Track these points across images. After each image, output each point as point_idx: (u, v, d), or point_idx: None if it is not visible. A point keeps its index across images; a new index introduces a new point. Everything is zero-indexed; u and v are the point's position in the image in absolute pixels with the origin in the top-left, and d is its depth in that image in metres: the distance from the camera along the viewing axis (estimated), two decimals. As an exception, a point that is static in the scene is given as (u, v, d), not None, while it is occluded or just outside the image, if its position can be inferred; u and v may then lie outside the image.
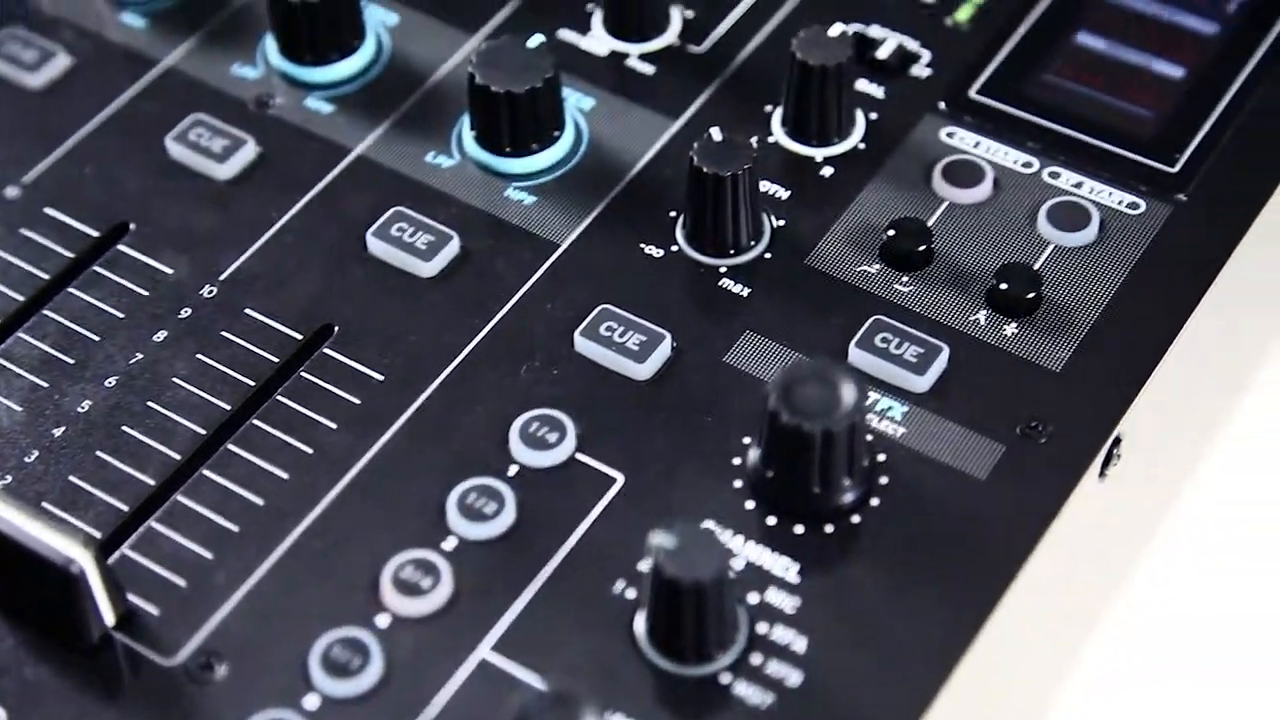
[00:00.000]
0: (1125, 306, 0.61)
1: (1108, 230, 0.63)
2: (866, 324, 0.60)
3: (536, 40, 0.65)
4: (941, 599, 0.54)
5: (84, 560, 0.52)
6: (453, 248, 0.63)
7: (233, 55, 0.69)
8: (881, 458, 0.57)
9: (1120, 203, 0.64)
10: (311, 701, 0.53)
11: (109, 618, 0.54)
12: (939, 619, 0.54)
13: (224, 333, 0.61)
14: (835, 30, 0.64)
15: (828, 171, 0.65)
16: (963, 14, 0.70)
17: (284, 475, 0.57)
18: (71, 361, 0.60)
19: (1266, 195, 0.64)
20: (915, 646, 0.53)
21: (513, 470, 0.57)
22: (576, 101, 0.67)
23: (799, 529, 0.55)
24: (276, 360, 0.60)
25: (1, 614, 0.54)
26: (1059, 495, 0.57)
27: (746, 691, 0.52)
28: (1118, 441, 0.59)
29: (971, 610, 0.54)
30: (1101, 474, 0.59)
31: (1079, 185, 0.64)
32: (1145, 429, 0.60)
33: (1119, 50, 0.68)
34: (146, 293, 0.62)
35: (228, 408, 0.59)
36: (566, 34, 0.70)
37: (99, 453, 0.58)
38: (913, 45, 0.69)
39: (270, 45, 0.68)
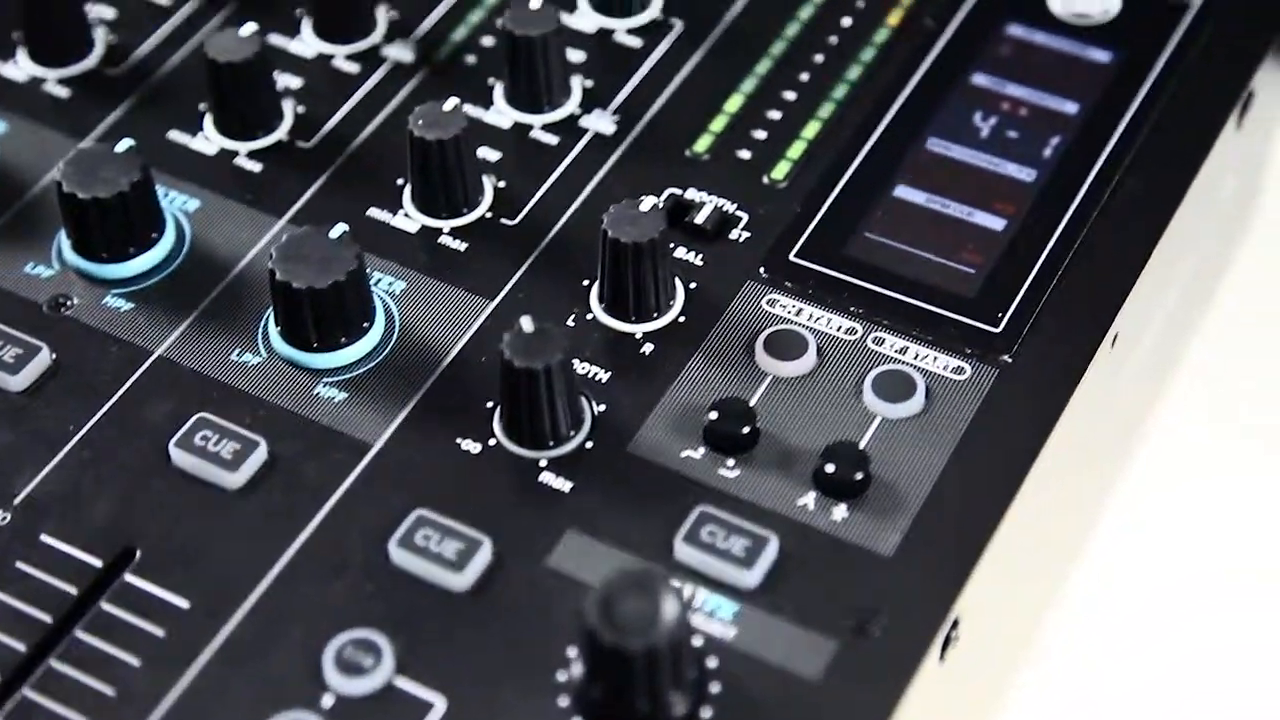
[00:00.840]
0: (956, 480, 0.60)
1: (934, 399, 0.62)
2: (692, 517, 0.58)
3: (339, 230, 0.62)
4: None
5: None
6: (260, 454, 0.60)
7: (25, 253, 0.66)
8: (712, 663, 0.55)
9: (945, 368, 0.62)
10: None
11: None
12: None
13: (19, 564, 0.58)
14: (647, 203, 0.63)
15: (649, 349, 0.63)
16: (779, 171, 0.68)
17: (85, 720, 0.54)
18: None
19: (1092, 350, 0.63)
20: None
21: (328, 701, 0.55)
22: (387, 285, 0.65)
23: (629, 745, 0.53)
24: (74, 591, 0.57)
25: None
26: (896, 689, 0.55)
27: None
28: (956, 624, 0.57)
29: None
30: (941, 657, 0.57)
31: (903, 351, 0.63)
32: (984, 605, 0.59)
33: (939, 203, 0.67)
34: (-64, 524, 0.59)
35: (22, 648, 0.56)
36: (376, 212, 0.67)
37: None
38: (730, 207, 0.67)
39: (65, 242, 0.65)
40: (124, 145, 0.64)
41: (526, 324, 0.59)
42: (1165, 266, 0.69)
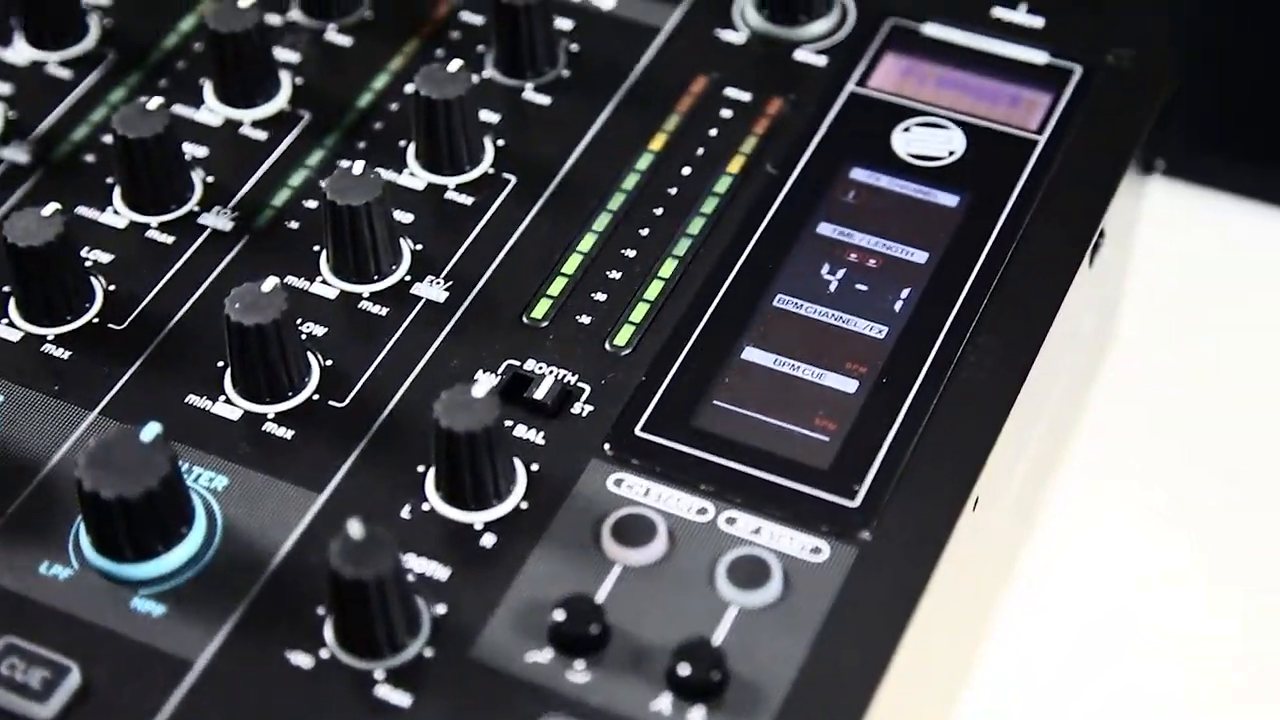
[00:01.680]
0: (818, 669, 0.57)
1: (792, 583, 0.59)
2: (539, 730, 0.55)
3: (153, 430, 0.58)
4: None
5: None
6: (73, 681, 0.56)
7: None
8: None
9: (803, 549, 0.59)
10: None
11: None
12: None
13: None
14: (481, 386, 0.59)
15: (489, 540, 0.60)
16: (622, 337, 0.65)
17: None
18: None
19: (955, 517, 0.61)
20: None
21: None
22: (208, 481, 0.61)
23: None
24: None
25: None
26: None
27: None
28: (823, 830, 0.54)
29: None
30: None
31: (758, 531, 0.60)
32: (852, 805, 0.56)
33: (788, 365, 0.65)
34: None
35: None
36: (195, 399, 0.63)
37: None
38: (572, 378, 0.64)
39: None
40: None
41: (355, 528, 0.56)
42: (1026, 417, 0.66)
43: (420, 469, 0.61)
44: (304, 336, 0.65)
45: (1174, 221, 0.88)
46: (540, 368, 0.64)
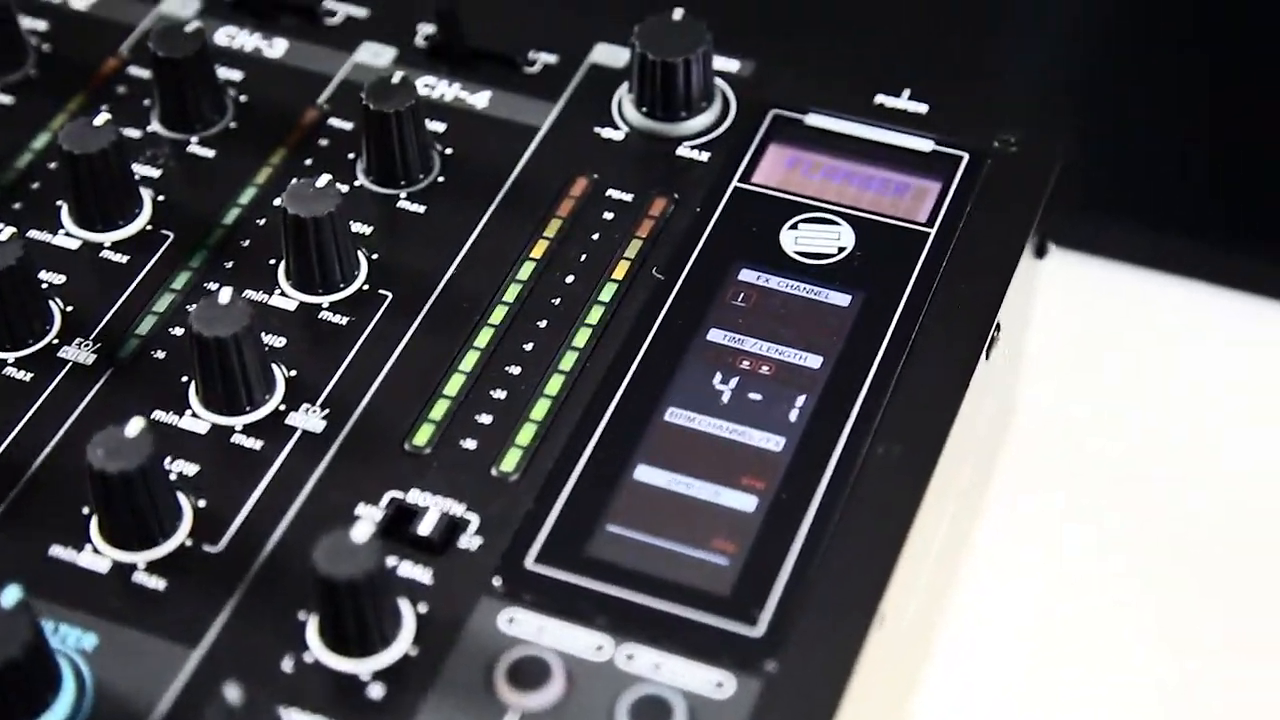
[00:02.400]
0: (728, 814, 0.54)
1: (697, 721, 0.56)
2: None
3: (13, 595, 0.55)
4: None
5: None
6: None
7: None
8: None
9: (705, 683, 0.57)
10: None
11: None
12: None
13: None
14: (361, 531, 0.56)
15: (378, 691, 0.57)
16: (509, 462, 0.63)
17: None
18: None
19: (862, 638, 0.58)
20: None
21: None
22: (75, 641, 0.58)
23: None
24: None
25: None
26: None
27: None
28: None
29: None
30: None
31: (658, 667, 0.57)
32: None
33: (683, 484, 0.62)
34: None
35: None
36: (60, 550, 0.60)
37: None
38: (458, 509, 0.61)
39: None
40: None
41: (232, 693, 0.53)
42: (932, 519, 0.64)
43: (301, 615, 0.58)
44: (174, 476, 0.62)
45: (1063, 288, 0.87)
46: (425, 498, 0.61)
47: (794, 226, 0.70)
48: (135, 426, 0.59)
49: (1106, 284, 0.90)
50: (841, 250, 0.69)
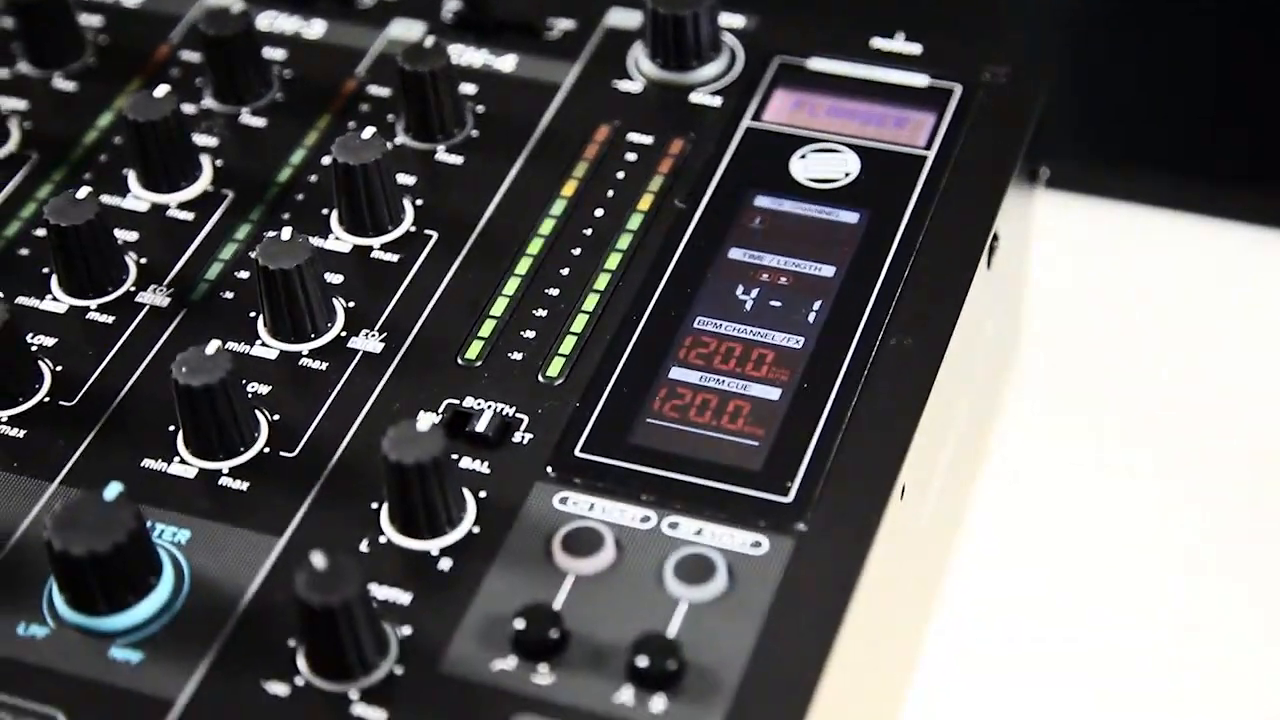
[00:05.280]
0: (769, 652, 0.60)
1: (737, 576, 0.62)
2: (511, 729, 0.57)
3: (115, 489, 0.61)
4: None
5: None
6: (59, 729, 0.58)
7: None
8: None
9: (743, 544, 0.63)
10: None
11: None
12: None
13: None
14: (424, 422, 0.62)
15: (446, 564, 0.63)
16: (554, 369, 0.69)
17: None
18: None
19: (883, 505, 0.64)
20: None
21: None
22: (171, 536, 0.64)
23: None
24: None
25: None
26: None
27: None
28: (788, 799, 0.57)
29: None
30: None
31: (699, 532, 0.63)
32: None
33: (714, 380, 0.68)
34: None
35: None
36: (150, 463, 0.66)
37: None
38: (510, 411, 0.67)
39: None
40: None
41: (318, 559, 0.58)
42: (942, 410, 0.70)
43: (374, 505, 0.64)
44: (249, 395, 0.67)
45: (1065, 231, 0.92)
46: (479, 404, 0.67)
47: (803, 156, 0.76)
48: (213, 346, 0.65)
49: (1109, 225, 0.95)
50: (847, 175, 0.75)
